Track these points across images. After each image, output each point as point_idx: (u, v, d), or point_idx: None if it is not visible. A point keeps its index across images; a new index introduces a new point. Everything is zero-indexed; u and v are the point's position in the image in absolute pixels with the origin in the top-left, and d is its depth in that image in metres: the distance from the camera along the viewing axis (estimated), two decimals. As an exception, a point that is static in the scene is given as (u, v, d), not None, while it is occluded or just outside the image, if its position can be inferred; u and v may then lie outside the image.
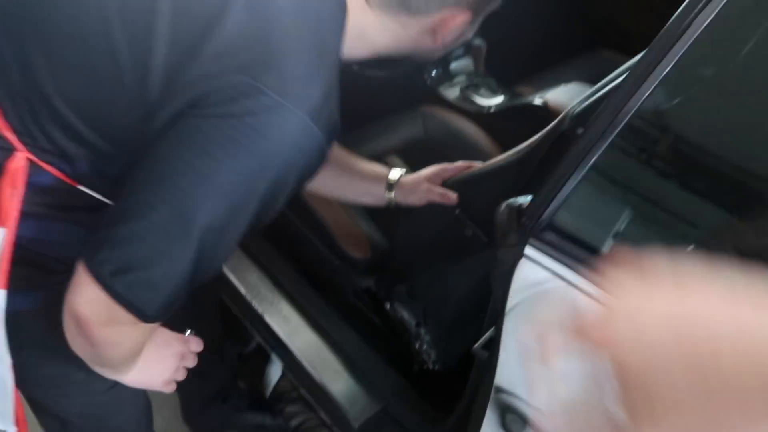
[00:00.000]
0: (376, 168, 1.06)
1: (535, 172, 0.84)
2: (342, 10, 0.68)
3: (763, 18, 0.63)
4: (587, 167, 0.62)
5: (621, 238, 0.62)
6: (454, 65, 1.71)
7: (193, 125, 0.60)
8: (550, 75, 1.69)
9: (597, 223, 0.65)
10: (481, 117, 1.58)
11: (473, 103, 1.63)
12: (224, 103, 0.59)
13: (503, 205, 0.71)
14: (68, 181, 0.68)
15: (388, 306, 1.21)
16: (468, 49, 1.69)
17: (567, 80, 1.57)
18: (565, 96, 1.43)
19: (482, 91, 1.66)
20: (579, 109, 0.80)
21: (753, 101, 0.64)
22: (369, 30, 0.72)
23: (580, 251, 0.63)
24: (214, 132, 0.59)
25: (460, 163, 1.04)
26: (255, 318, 1.30)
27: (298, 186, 0.67)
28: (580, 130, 0.68)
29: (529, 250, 0.65)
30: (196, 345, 0.82)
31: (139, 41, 0.61)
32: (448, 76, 1.71)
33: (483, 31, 1.75)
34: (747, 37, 0.64)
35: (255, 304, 1.30)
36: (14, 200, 0.64)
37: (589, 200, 0.65)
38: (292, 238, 1.33)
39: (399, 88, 1.57)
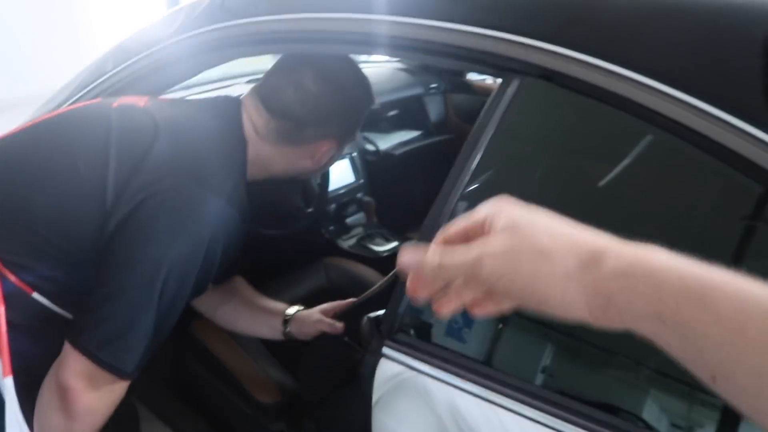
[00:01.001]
0: (275, 304, 1.21)
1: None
2: (242, 141, 0.94)
3: (539, 154, 0.85)
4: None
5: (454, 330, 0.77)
6: (350, 220, 1.93)
7: (142, 222, 0.80)
8: (434, 220, 1.93)
9: (434, 320, 0.79)
10: (377, 262, 1.76)
11: (370, 250, 1.82)
12: (162, 202, 0.80)
13: (365, 319, 0.84)
14: (26, 288, 0.84)
15: (301, 446, 1.24)
16: (360, 205, 1.92)
17: (447, 222, 1.80)
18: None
19: (377, 239, 1.87)
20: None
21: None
22: (264, 157, 0.96)
23: (425, 345, 0.76)
24: (157, 225, 0.79)
25: (349, 300, 1.19)
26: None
27: (225, 255, 0.87)
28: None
29: (386, 350, 0.78)
30: None
31: (97, 168, 0.83)
32: (345, 230, 1.91)
33: (373, 189, 2.00)
34: (532, 168, 0.85)
35: (169, 466, 1.30)
36: None
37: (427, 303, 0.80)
38: (202, 392, 1.37)
39: (301, 244, 1.75)
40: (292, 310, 1.19)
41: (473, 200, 0.80)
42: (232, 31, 0.99)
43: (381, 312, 0.85)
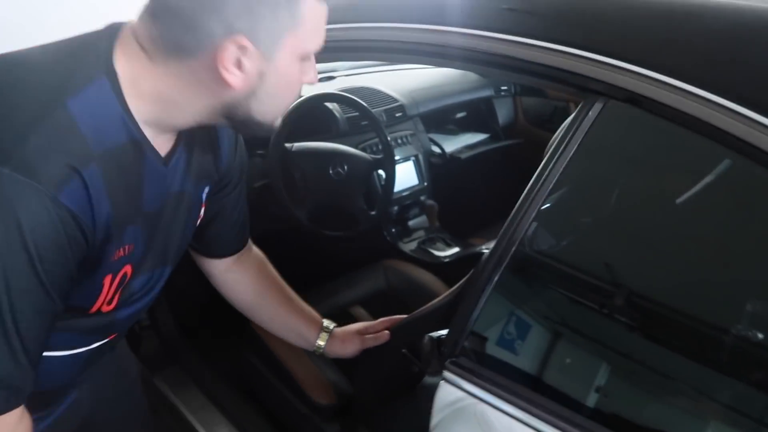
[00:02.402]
0: (313, 313, 1.11)
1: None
2: (108, 79, 0.65)
3: (619, 177, 0.81)
4: (485, 300, 0.76)
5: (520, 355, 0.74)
6: (412, 222, 1.91)
7: None
8: (498, 227, 1.89)
9: (499, 346, 0.77)
10: (438, 267, 1.74)
11: (430, 254, 1.80)
12: None
13: (426, 337, 0.83)
14: None
15: (353, 451, 1.25)
16: (423, 208, 1.90)
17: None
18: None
19: (438, 244, 1.84)
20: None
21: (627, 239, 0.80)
22: (165, 92, 0.68)
23: (488, 371, 0.74)
24: None
25: (382, 320, 1.12)
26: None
27: (59, 251, 0.63)
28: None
29: (447, 374, 0.76)
30: None
31: None
32: (407, 232, 1.90)
33: (436, 192, 1.98)
34: (610, 191, 0.81)
35: (225, 458, 1.34)
36: None
37: (491, 326, 0.77)
38: (260, 387, 1.40)
39: (362, 245, 1.75)
40: (329, 324, 1.10)
41: (546, 222, 0.77)
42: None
43: (442, 332, 0.83)
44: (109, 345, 0.87)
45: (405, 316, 1.12)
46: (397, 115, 1.88)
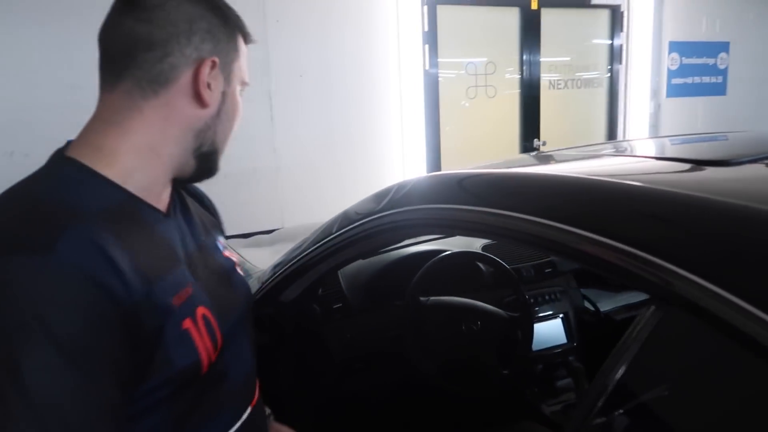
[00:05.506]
0: None
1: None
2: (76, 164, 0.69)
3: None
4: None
5: None
6: (559, 384, 1.81)
7: None
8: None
9: None
10: (582, 438, 1.59)
11: (575, 422, 1.66)
12: None
13: None
14: None
15: None
16: (570, 370, 1.79)
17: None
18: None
19: (585, 411, 1.70)
20: None
21: None
22: (156, 139, 0.74)
23: None
24: None
25: None
26: None
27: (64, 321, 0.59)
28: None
29: None
30: None
31: None
32: (552, 393, 1.79)
33: (588, 353, 1.86)
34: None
35: None
36: None
37: None
38: None
39: (498, 404, 1.69)
40: None
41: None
42: (416, 214, 1.10)
43: None
44: (257, 416, 0.88)
45: None
46: (547, 270, 1.87)
